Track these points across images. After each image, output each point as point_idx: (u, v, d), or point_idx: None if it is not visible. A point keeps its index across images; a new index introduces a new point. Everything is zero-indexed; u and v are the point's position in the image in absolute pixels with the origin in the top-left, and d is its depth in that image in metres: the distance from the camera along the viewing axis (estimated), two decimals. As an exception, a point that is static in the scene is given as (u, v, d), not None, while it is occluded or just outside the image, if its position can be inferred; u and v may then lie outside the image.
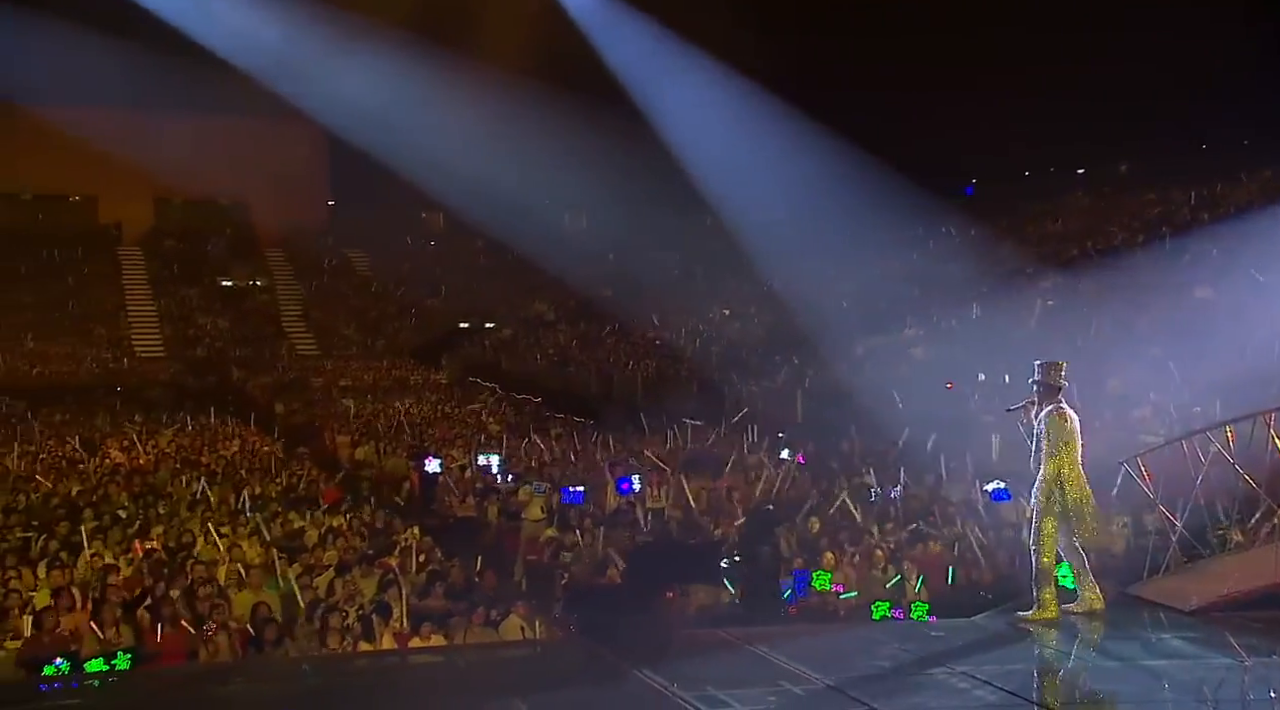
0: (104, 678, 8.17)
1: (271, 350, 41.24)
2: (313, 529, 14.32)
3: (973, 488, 14.02)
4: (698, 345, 30.95)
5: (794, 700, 6.94)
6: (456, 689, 7.37)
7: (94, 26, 32.22)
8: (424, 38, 32.82)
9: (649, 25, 31.99)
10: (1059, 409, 8.48)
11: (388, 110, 34.44)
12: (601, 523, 14.12)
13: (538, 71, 33.92)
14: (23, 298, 42.67)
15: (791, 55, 30.79)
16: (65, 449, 23.00)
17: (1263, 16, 26.86)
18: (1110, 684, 7.41)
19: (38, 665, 8.45)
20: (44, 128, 38.79)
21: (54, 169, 40.95)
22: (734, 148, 31.76)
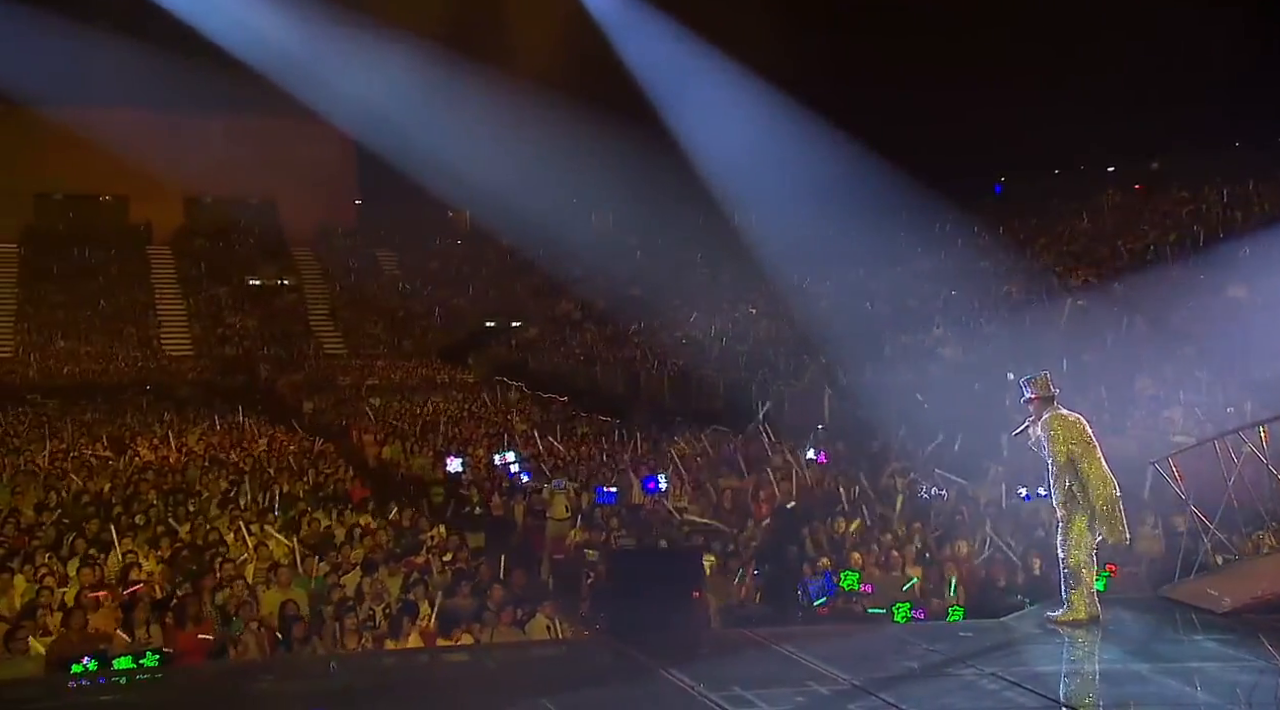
0: (132, 675, 8.20)
1: (299, 349, 41.46)
2: (340, 527, 14.38)
3: (1003, 489, 13.91)
4: (724, 345, 30.87)
5: (821, 701, 6.91)
6: (483, 688, 7.37)
7: (124, 30, 32.49)
8: (449, 41, 33.00)
9: (672, 26, 31.96)
10: (1057, 412, 8.43)
11: (414, 111, 34.56)
12: (627, 522, 14.11)
13: (563, 72, 33.94)
14: (54, 297, 43.12)
15: (816, 55, 30.69)
16: (96, 447, 23.13)
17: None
18: (1142, 686, 7.32)
19: (67, 663, 8.50)
20: (75, 129, 39.08)
21: (85, 169, 41.28)
22: (759, 147, 31.69)
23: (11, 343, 40.10)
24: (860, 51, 32.41)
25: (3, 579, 11.28)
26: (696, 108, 32.67)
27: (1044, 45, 30.27)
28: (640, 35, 32.44)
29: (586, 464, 19.35)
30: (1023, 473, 13.44)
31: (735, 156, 31.69)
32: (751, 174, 31.64)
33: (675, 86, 32.66)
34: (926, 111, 31.89)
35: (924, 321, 25.86)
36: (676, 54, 32.24)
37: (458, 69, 33.45)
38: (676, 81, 32.57)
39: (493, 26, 34.67)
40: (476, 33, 33.85)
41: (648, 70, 32.75)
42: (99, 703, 7.38)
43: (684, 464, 17.63)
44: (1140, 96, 30.22)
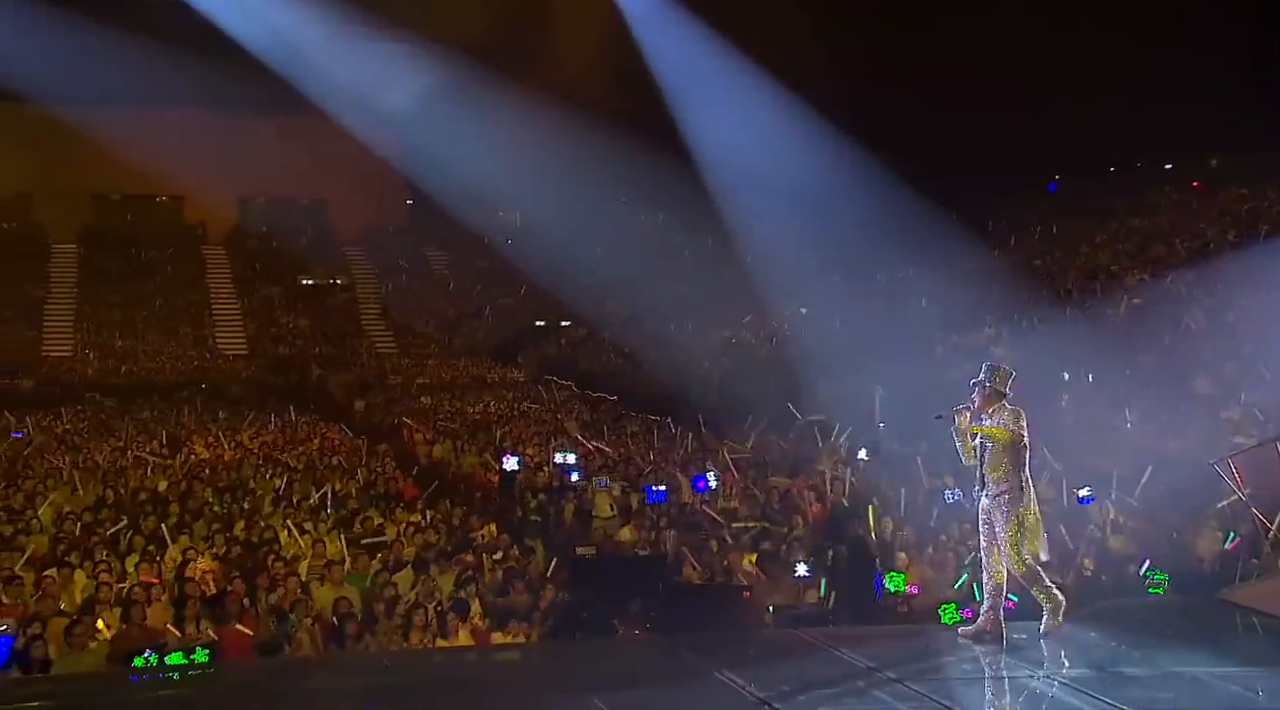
0: (188, 671, 8.31)
1: (351, 348, 41.78)
2: (392, 525, 14.48)
3: (1057, 489, 13.74)
4: (774, 344, 30.75)
5: (872, 702, 6.86)
6: (534, 686, 7.39)
7: (176, 36, 32.96)
8: (492, 52, 33.39)
9: (703, 30, 31.95)
10: (1015, 409, 7.96)
11: (460, 114, 34.90)
12: (676, 521, 14.09)
13: (605, 80, 34.06)
14: (112, 296, 43.76)
15: (863, 52, 30.56)
16: (153, 445, 23.42)
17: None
18: (1202, 691, 7.20)
19: (128, 657, 8.62)
20: (132, 131, 39.67)
21: (141, 170, 41.80)
22: (810, 144, 31.54)
23: (71, 342, 40.72)
24: (911, 47, 32.20)
25: (63, 574, 11.47)
26: (737, 110, 32.55)
27: (1101, 41, 29.86)
28: (671, 40, 32.45)
29: (635, 463, 19.35)
30: (1080, 473, 13.29)
31: (787, 152, 31.56)
32: (798, 174, 31.49)
33: (714, 90, 32.58)
34: (981, 108, 31.56)
35: (976, 321, 25.61)
36: (709, 58, 32.19)
37: (499, 77, 33.85)
38: (713, 85, 32.48)
39: (536, 39, 34.99)
40: (519, 44, 34.25)
41: (684, 76, 32.74)
42: (156, 697, 7.48)
43: (733, 463, 17.57)
44: (1199, 93, 29.71)
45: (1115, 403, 17.87)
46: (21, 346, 39.17)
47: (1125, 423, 17.12)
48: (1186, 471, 12.55)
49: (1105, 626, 8.52)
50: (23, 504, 15.85)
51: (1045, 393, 18.64)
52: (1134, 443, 15.86)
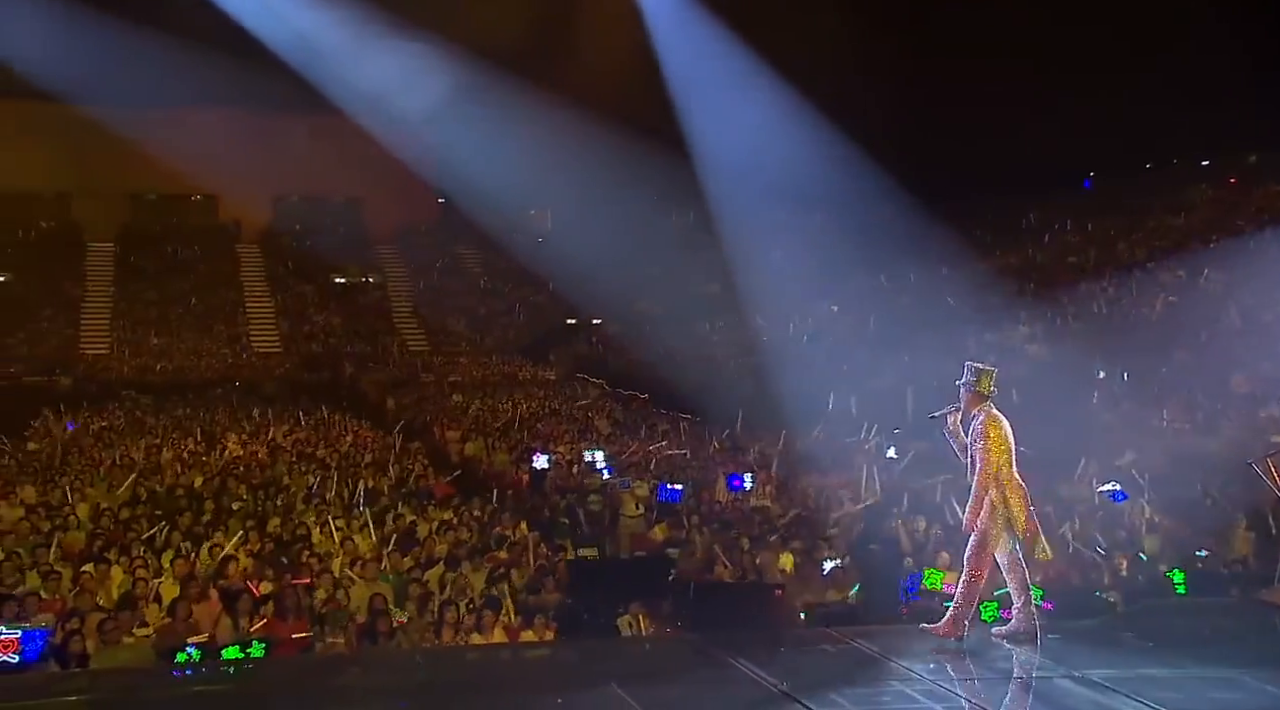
0: (228, 666, 8.39)
1: (383, 346, 41.97)
2: (424, 523, 14.54)
3: (1091, 488, 13.67)
4: (805, 342, 30.69)
5: (907, 701, 6.82)
6: (565, 683, 7.39)
7: (212, 39, 33.24)
8: (521, 53, 33.53)
9: (725, 32, 31.93)
10: (990, 414, 7.81)
11: (491, 114, 35.07)
12: (711, 519, 14.09)
13: (638, 76, 34.10)
14: (148, 294, 44.14)
15: (895, 49, 30.41)
16: (188, 442, 23.61)
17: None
18: (1240, 694, 7.13)
19: (171, 652, 8.71)
20: (168, 131, 40.02)
21: (177, 170, 42.14)
22: (838, 138, 31.45)
23: (108, 340, 41.11)
24: (944, 47, 32.03)
25: (100, 570, 11.59)
26: (764, 113, 32.49)
27: (1136, 37, 29.59)
28: (692, 43, 32.43)
29: (666, 461, 19.36)
30: (1114, 472, 13.20)
31: (817, 146, 31.48)
32: (827, 168, 31.40)
33: (738, 92, 32.55)
34: (1013, 104, 31.34)
35: (1009, 318, 25.48)
36: (729, 59, 32.17)
37: (529, 79, 34.04)
38: (737, 87, 32.45)
39: (566, 42, 35.12)
40: (549, 47, 34.40)
41: (705, 79, 32.74)
42: (191, 693, 7.53)
43: (766, 462, 17.55)
44: (1237, 89, 29.39)
45: (1150, 401, 17.74)
46: (60, 344, 39.63)
47: (1160, 421, 17.00)
48: (1222, 471, 12.45)
49: (1140, 626, 8.45)
50: (61, 500, 16.04)
51: (1079, 390, 18.53)
52: (1169, 441, 15.75)
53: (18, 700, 7.00)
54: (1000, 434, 7.73)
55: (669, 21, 32.63)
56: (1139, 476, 13.43)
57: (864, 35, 30.20)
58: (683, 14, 32.22)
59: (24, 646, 8.33)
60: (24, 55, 33.26)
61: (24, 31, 32.52)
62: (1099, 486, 13.34)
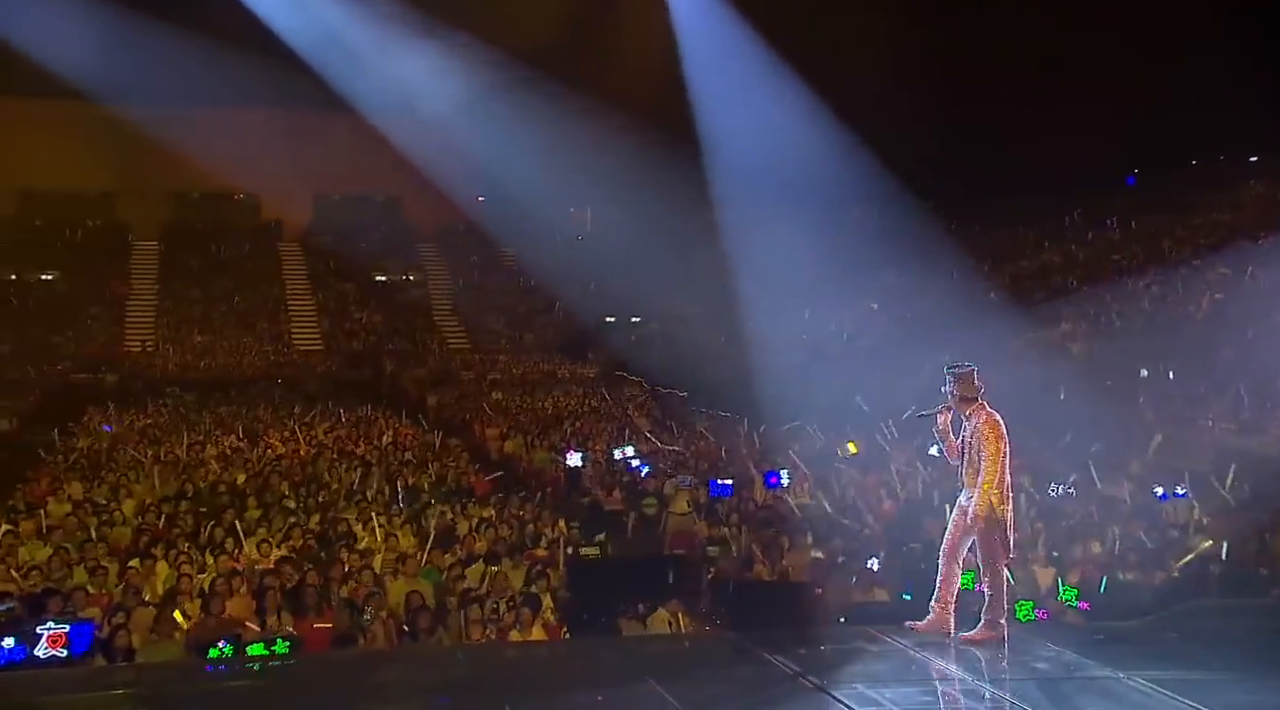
0: (264, 661, 8.46)
1: (424, 344, 42.17)
2: (464, 520, 14.59)
3: (1136, 487, 13.52)
4: (845, 340, 30.56)
5: (948, 700, 6.79)
6: (604, 680, 7.39)
7: (254, 41, 33.57)
8: (560, 52, 33.63)
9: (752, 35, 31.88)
10: (990, 413, 7.72)
11: (530, 114, 35.21)
12: (749, 517, 14.06)
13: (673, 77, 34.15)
14: (191, 292, 44.58)
15: (932, 43, 30.23)
16: (230, 439, 23.81)
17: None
18: None
19: (204, 648, 8.80)
20: (211, 131, 40.40)
21: (220, 169, 42.52)
22: (880, 133, 31.28)
23: (152, 337, 41.56)
24: (983, 35, 31.77)
25: (146, 565, 11.72)
26: (790, 106, 32.38)
27: (1181, 30, 29.18)
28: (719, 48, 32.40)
29: (706, 458, 19.34)
30: (1159, 472, 13.05)
31: (856, 141, 31.35)
32: (864, 163, 31.25)
33: (760, 88, 32.49)
34: (1055, 99, 31.05)
35: (1051, 317, 25.25)
36: (755, 62, 32.12)
37: (567, 78, 34.17)
38: (759, 83, 32.40)
39: (603, 42, 35.19)
40: (587, 47, 34.48)
41: (730, 82, 32.74)
42: (233, 687, 7.59)
43: (805, 459, 17.48)
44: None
45: (1195, 400, 17.53)
46: (106, 342, 40.11)
47: (1206, 420, 16.80)
48: (1270, 470, 12.29)
49: (1185, 628, 8.35)
50: (107, 496, 16.24)
51: (1123, 389, 18.35)
52: (1215, 440, 15.57)
53: (66, 693, 7.10)
54: (999, 434, 7.68)
55: (698, 22, 32.61)
56: (1178, 472, 13.28)
57: (899, 34, 30.04)
58: (712, 14, 32.20)
59: (72, 641, 8.47)
60: (71, 58, 33.72)
61: (71, 35, 32.98)
62: (1153, 487, 13.20)
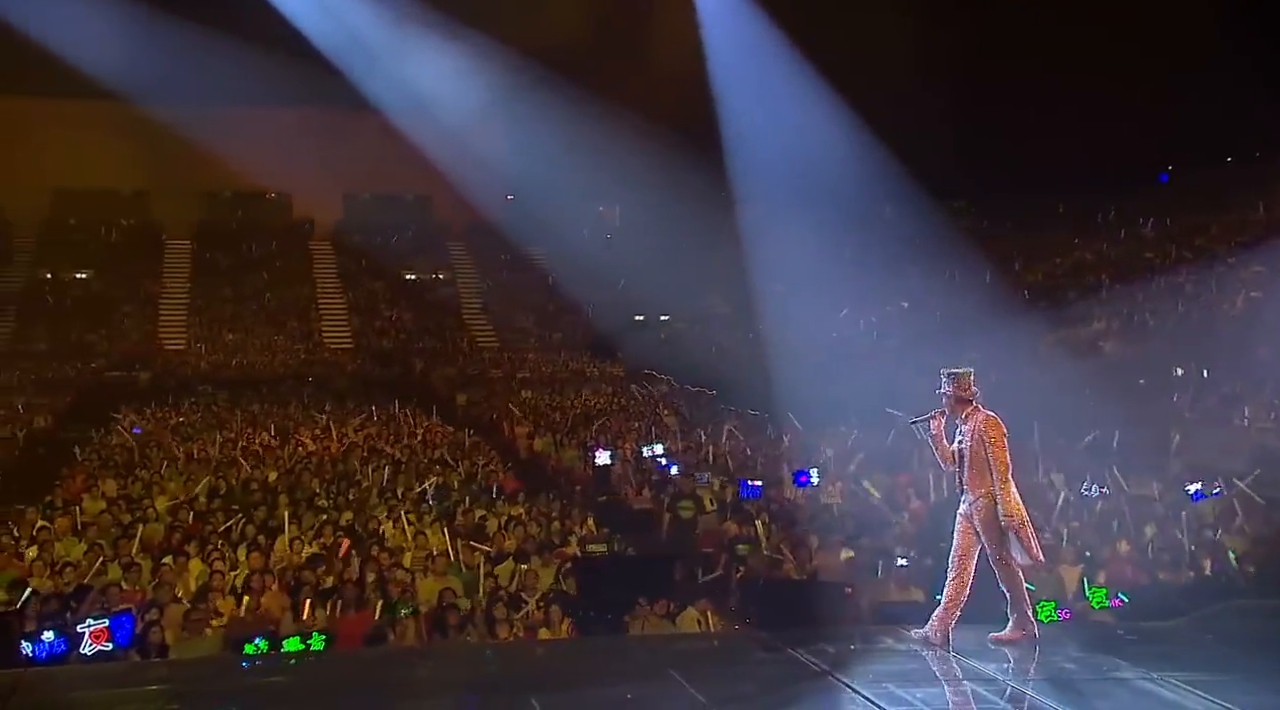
0: (298, 657, 8.52)
1: (453, 342, 42.28)
2: (493, 518, 14.63)
3: (1170, 488, 13.41)
4: (875, 339, 30.45)
5: (979, 700, 6.74)
6: (634, 678, 7.39)
7: (284, 42, 33.82)
8: (590, 52, 33.69)
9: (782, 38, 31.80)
10: (988, 415, 7.65)
11: (558, 113, 35.29)
12: (778, 516, 14.03)
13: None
14: (223, 291, 44.88)
15: (966, 37, 30.06)
16: (262, 437, 23.96)
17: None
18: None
19: (240, 643, 8.87)
20: (243, 130, 40.67)
21: (251, 168, 42.79)
22: (911, 133, 31.14)
23: (184, 336, 41.87)
24: (1016, 34, 31.58)
25: (179, 562, 11.82)
26: (814, 106, 32.28)
27: (1216, 24, 28.88)
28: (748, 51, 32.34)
29: (735, 458, 19.30)
30: (1194, 471, 12.94)
31: (876, 145, 31.23)
32: (894, 162, 31.11)
33: (787, 88, 32.40)
34: (1088, 97, 30.81)
35: (1084, 315, 25.07)
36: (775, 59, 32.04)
37: (597, 79, 34.26)
38: (785, 83, 32.31)
39: (634, 42, 35.26)
40: (617, 47, 34.56)
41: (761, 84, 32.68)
42: (267, 683, 7.64)
43: (835, 458, 17.44)
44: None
45: (1230, 399, 17.36)
46: (139, 340, 40.45)
47: (1242, 419, 16.65)
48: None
49: (1218, 628, 8.27)
50: (140, 493, 16.38)
51: (1158, 388, 18.20)
52: (1251, 439, 15.42)
53: (101, 689, 7.17)
54: (1002, 434, 7.63)
55: (726, 22, 32.57)
56: (1212, 471, 13.16)
57: (928, 33, 29.90)
58: (738, 14, 32.15)
59: (114, 633, 8.58)
60: (105, 59, 34.07)
61: (105, 36, 33.33)
62: (1186, 486, 13.09)
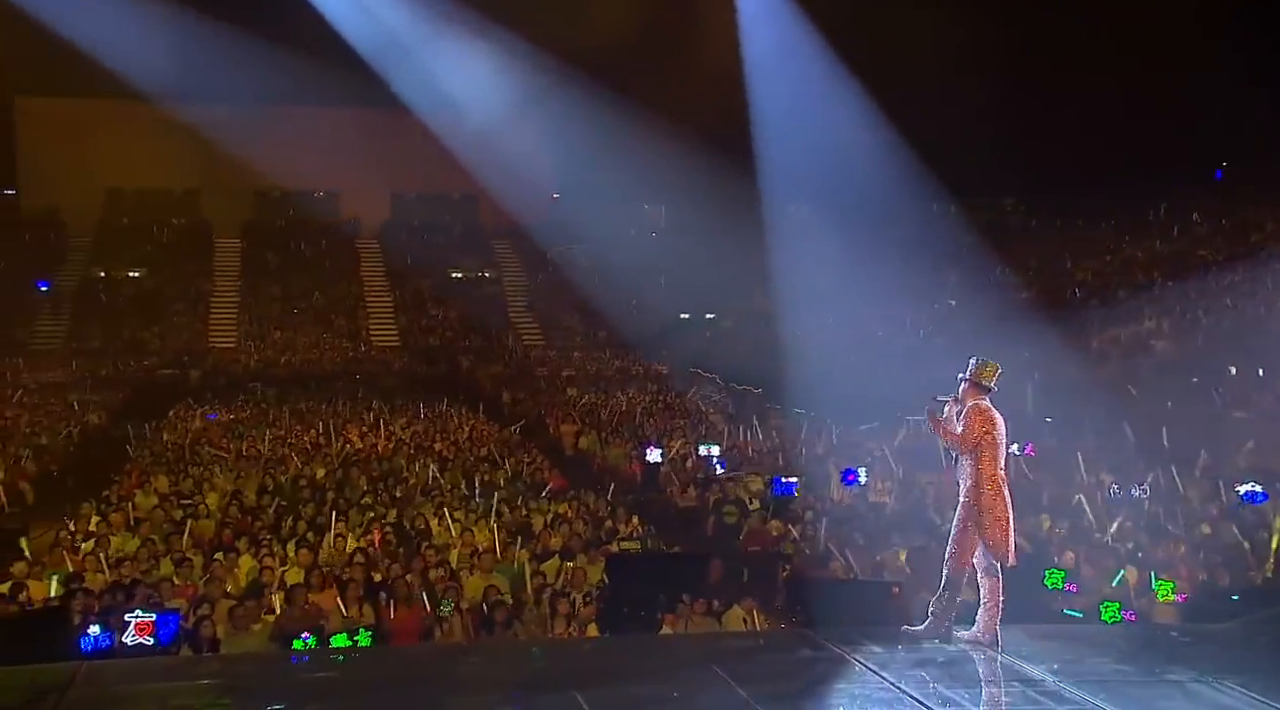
0: (346, 653, 8.59)
1: (499, 340, 42.44)
2: (539, 515, 14.68)
3: (1222, 488, 13.22)
4: (922, 337, 30.24)
5: (1028, 700, 6.69)
6: (679, 676, 7.39)
7: (331, 43, 34.18)
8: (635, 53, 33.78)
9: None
10: (977, 405, 7.61)
11: (603, 111, 35.38)
12: (825, 515, 13.97)
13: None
14: (272, 289, 45.33)
15: (1018, 29, 29.79)
16: (310, 434, 24.18)
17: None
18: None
19: (288, 639, 8.95)
20: (292, 129, 41.08)
21: (300, 167, 43.19)
22: (960, 130, 30.89)
23: (234, 334, 42.34)
24: (1068, 30, 31.24)
25: (229, 558, 11.95)
26: (853, 106, 32.11)
27: (1273, 21, 28.43)
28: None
29: (782, 456, 19.25)
30: (1248, 471, 12.75)
31: (925, 138, 31.02)
32: (939, 158, 30.87)
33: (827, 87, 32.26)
34: (1141, 92, 30.39)
35: (1135, 313, 24.77)
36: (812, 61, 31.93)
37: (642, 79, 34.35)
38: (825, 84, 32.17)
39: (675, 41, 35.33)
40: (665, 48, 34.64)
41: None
42: (316, 679, 7.71)
43: (883, 457, 17.35)
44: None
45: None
46: (190, 338, 40.97)
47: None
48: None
49: (1276, 632, 8.15)
50: (192, 489, 16.58)
51: (1210, 387, 17.95)
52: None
53: (153, 683, 7.26)
54: (979, 423, 7.54)
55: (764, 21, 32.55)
56: (1267, 472, 12.97)
57: (979, 28, 29.65)
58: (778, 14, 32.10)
59: (158, 630, 8.69)
60: (158, 62, 34.64)
61: (157, 40, 33.90)
62: (1237, 487, 12.90)
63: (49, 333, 40.88)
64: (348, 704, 6.94)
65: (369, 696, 7.07)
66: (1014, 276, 30.81)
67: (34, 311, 41.74)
